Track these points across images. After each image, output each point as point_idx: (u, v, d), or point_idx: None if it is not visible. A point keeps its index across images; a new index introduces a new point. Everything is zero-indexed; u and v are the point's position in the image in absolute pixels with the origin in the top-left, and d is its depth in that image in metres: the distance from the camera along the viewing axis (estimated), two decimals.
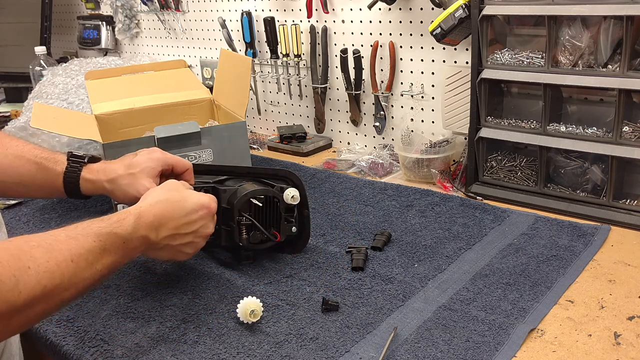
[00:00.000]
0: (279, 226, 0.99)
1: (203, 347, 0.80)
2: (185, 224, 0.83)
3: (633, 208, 1.11)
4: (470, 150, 1.29)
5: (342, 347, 0.79)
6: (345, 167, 1.54)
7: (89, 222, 0.72)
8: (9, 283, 0.54)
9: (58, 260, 0.61)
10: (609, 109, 1.13)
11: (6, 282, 0.54)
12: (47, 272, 0.59)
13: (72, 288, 0.63)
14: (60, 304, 0.64)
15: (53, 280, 0.59)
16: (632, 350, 0.75)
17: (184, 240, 0.84)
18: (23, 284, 0.55)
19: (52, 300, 0.61)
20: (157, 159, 0.94)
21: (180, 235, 0.83)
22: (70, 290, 0.63)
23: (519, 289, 0.90)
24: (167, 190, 0.86)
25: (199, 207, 0.85)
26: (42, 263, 0.59)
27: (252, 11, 1.81)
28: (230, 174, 1.03)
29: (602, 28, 1.07)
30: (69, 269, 0.62)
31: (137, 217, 0.78)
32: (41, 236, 0.63)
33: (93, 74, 1.55)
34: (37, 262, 0.59)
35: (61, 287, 0.61)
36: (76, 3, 2.66)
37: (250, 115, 1.95)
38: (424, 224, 1.15)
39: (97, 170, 0.94)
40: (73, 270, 0.63)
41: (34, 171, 0.91)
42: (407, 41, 1.49)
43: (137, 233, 0.77)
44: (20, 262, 0.57)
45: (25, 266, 0.57)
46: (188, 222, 0.84)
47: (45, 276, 0.58)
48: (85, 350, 0.81)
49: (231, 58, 1.48)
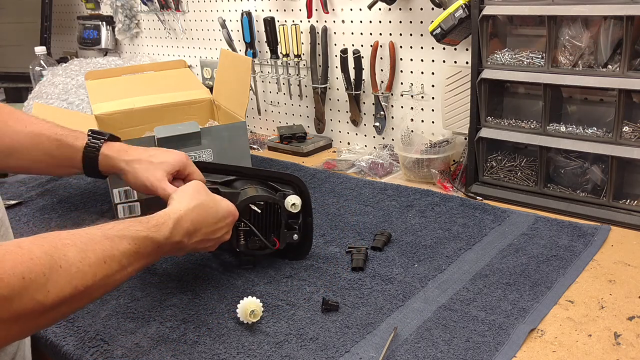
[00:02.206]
0: (279, 233, 0.98)
1: (203, 347, 0.80)
2: (214, 231, 0.84)
3: (633, 208, 1.11)
4: (470, 150, 1.29)
5: (342, 347, 0.79)
6: (345, 167, 1.54)
7: (127, 223, 0.71)
8: (38, 281, 0.53)
9: (91, 262, 0.61)
10: (609, 109, 1.13)
11: (36, 280, 0.53)
12: (79, 272, 0.58)
13: (102, 289, 0.63)
14: (88, 302, 0.64)
15: (84, 282, 0.58)
16: (632, 350, 0.75)
17: (207, 244, 0.85)
18: (53, 283, 0.55)
19: (81, 300, 0.60)
20: (179, 160, 0.94)
21: (207, 240, 0.84)
22: (99, 291, 0.63)
23: (519, 289, 0.90)
24: (197, 192, 0.85)
25: (227, 214, 0.87)
26: (74, 263, 0.58)
27: (252, 11, 1.81)
28: (237, 174, 1.01)
29: (602, 28, 1.07)
30: (101, 271, 0.62)
31: (175, 221, 0.77)
32: (75, 234, 0.63)
33: (93, 74, 1.55)
34: (69, 261, 0.58)
35: (92, 288, 0.60)
36: (76, 3, 2.66)
37: (250, 115, 1.95)
38: (424, 224, 1.15)
39: (117, 149, 0.94)
40: (105, 272, 0.62)
41: (54, 148, 0.92)
42: (407, 41, 1.49)
43: (173, 239, 0.77)
44: (52, 260, 0.56)
45: (57, 265, 0.56)
46: (217, 229, 0.85)
47: (77, 277, 0.58)
48: (85, 351, 0.81)
49: (231, 58, 1.49)
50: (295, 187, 0.99)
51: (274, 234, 0.98)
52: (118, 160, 0.93)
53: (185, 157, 0.96)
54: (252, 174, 1.01)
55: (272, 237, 0.98)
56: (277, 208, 0.97)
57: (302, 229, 1.00)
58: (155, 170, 0.91)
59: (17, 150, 0.90)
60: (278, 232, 0.98)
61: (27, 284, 0.53)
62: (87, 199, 1.38)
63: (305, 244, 1.02)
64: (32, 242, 0.57)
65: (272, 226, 0.98)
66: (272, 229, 0.98)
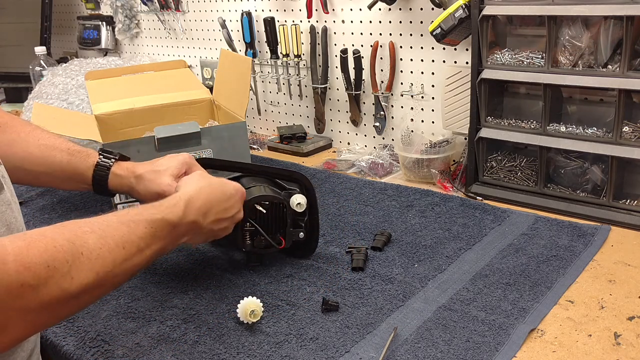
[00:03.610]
0: (284, 232, 0.99)
1: (203, 347, 0.80)
2: (226, 209, 0.86)
3: (633, 208, 1.11)
4: (470, 151, 1.29)
5: (342, 347, 0.79)
6: (345, 167, 1.54)
7: (140, 208, 0.73)
8: (62, 269, 0.54)
9: (110, 247, 0.62)
10: (609, 109, 1.13)
11: (59, 268, 0.54)
12: (99, 259, 0.59)
13: (122, 274, 0.64)
14: (111, 288, 0.64)
15: (105, 267, 0.59)
16: (632, 350, 0.75)
17: (223, 225, 0.86)
18: (76, 270, 0.56)
19: (103, 286, 0.61)
20: (183, 161, 0.95)
21: (222, 220, 0.85)
22: (120, 276, 0.64)
23: (519, 289, 0.90)
24: (202, 177, 0.88)
25: (235, 191, 0.88)
26: (94, 250, 0.59)
27: (252, 11, 1.81)
28: (242, 171, 1.02)
29: (602, 28, 1.07)
30: (120, 256, 0.63)
31: (187, 202, 0.79)
32: (93, 221, 0.64)
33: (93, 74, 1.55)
34: (89, 248, 0.59)
35: (112, 273, 0.61)
36: (76, 3, 2.66)
37: (250, 115, 1.95)
38: (424, 224, 1.15)
39: (125, 167, 0.95)
40: (124, 256, 0.63)
41: (65, 162, 0.93)
42: (407, 41, 1.49)
43: (187, 218, 0.78)
44: (74, 248, 0.57)
45: (79, 252, 0.57)
46: (228, 207, 0.86)
47: (97, 263, 0.59)
48: (85, 351, 0.81)
49: (231, 58, 1.49)
50: (302, 185, 1.00)
51: (280, 233, 0.98)
52: (127, 178, 0.94)
53: (189, 156, 0.97)
54: (258, 170, 1.01)
55: (278, 235, 0.98)
56: (283, 207, 0.97)
57: (309, 226, 1.01)
58: (163, 177, 0.92)
59: (27, 161, 0.91)
60: (284, 230, 0.98)
61: (52, 272, 0.54)
62: (87, 199, 1.38)
63: (312, 241, 1.03)
64: (54, 230, 0.58)
65: (278, 225, 0.98)
66: (277, 227, 0.98)
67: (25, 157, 0.91)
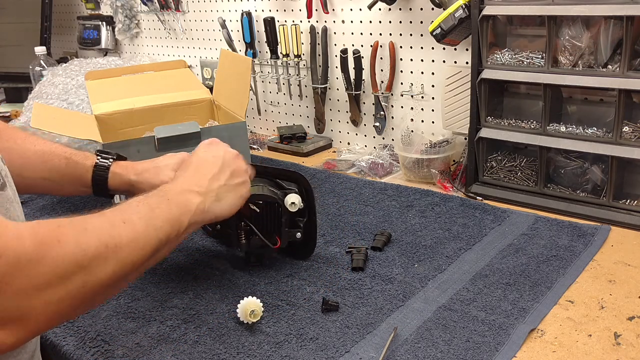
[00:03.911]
0: (280, 232, 0.98)
1: (203, 347, 0.80)
2: (223, 166, 0.84)
3: (633, 208, 1.11)
4: (470, 151, 1.29)
5: (342, 347, 0.79)
6: (345, 167, 1.54)
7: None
8: (71, 242, 0.54)
9: (111, 222, 0.62)
10: (609, 109, 1.13)
11: (70, 242, 0.54)
12: (102, 230, 0.59)
13: (133, 245, 0.63)
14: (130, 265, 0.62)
15: (112, 239, 0.59)
16: (632, 351, 0.75)
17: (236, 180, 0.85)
18: (85, 242, 0.56)
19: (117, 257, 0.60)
20: (181, 157, 0.96)
21: (228, 175, 0.84)
22: (131, 247, 0.62)
23: (519, 289, 0.90)
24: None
25: (227, 149, 0.88)
26: (96, 224, 0.60)
27: (252, 11, 1.81)
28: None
29: (602, 28, 1.07)
30: (125, 229, 0.63)
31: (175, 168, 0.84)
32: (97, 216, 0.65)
33: (93, 74, 1.55)
34: (92, 224, 0.59)
35: (121, 244, 0.60)
36: (76, 3, 2.66)
37: (250, 115, 1.95)
38: (424, 224, 1.15)
39: (125, 166, 0.95)
40: (130, 229, 0.63)
41: (63, 166, 0.92)
42: (407, 41, 1.49)
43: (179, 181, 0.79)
44: (78, 226, 0.57)
45: (83, 228, 0.58)
46: (226, 164, 0.85)
47: (104, 234, 0.59)
48: (85, 351, 0.81)
49: (231, 58, 1.49)
50: (300, 186, 1.00)
51: (276, 233, 0.98)
52: (127, 175, 0.94)
53: (188, 155, 0.97)
54: (259, 170, 1.02)
55: (274, 235, 0.98)
56: (278, 207, 0.97)
57: (307, 227, 1.01)
58: (164, 172, 0.92)
59: (25, 168, 0.91)
60: (279, 230, 0.98)
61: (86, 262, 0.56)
62: (87, 199, 1.38)
63: (310, 242, 1.03)
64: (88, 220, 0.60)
65: (274, 225, 0.98)
66: (273, 227, 0.98)
67: (24, 164, 0.90)
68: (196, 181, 0.79)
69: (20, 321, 0.49)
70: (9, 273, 0.48)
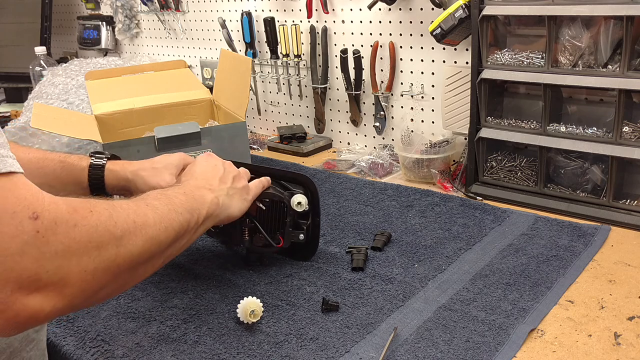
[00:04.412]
0: (284, 232, 0.98)
1: (203, 347, 0.80)
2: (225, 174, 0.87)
3: (633, 208, 1.11)
4: (470, 151, 1.29)
5: (342, 347, 0.79)
6: (345, 167, 1.54)
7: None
8: (104, 213, 0.56)
9: (136, 204, 0.64)
10: (609, 109, 1.13)
11: (102, 213, 0.56)
12: (130, 209, 0.61)
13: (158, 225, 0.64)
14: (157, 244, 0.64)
15: (139, 217, 0.61)
16: (632, 351, 0.75)
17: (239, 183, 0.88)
18: (116, 215, 0.58)
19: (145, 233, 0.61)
20: (179, 157, 0.97)
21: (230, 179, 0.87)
22: (157, 227, 0.64)
23: (519, 289, 0.90)
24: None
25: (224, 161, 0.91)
26: (123, 204, 0.62)
27: (252, 11, 1.81)
28: (252, 172, 1.01)
29: (602, 28, 1.07)
30: (149, 210, 0.65)
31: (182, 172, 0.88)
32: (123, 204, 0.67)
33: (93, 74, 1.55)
34: (122, 205, 0.62)
35: (147, 223, 0.62)
36: (76, 3, 2.66)
37: (250, 115, 1.96)
38: (424, 224, 1.15)
39: (120, 164, 0.96)
40: (154, 211, 0.65)
41: (59, 170, 0.93)
42: (407, 41, 1.49)
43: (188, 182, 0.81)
44: (110, 205, 0.59)
45: (113, 205, 0.59)
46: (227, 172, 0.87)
47: (131, 212, 0.61)
48: (85, 351, 0.81)
49: (231, 58, 1.49)
50: (306, 188, 1.00)
51: (279, 232, 0.98)
52: (124, 172, 0.95)
53: (185, 155, 0.99)
54: (265, 172, 1.01)
55: (277, 235, 0.98)
56: (283, 206, 0.97)
57: (310, 229, 1.01)
58: (162, 175, 0.93)
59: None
60: (283, 230, 0.98)
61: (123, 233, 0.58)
62: None
63: (312, 244, 1.03)
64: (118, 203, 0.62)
65: (278, 224, 0.98)
66: (277, 227, 0.98)
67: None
68: (206, 181, 0.82)
69: (58, 285, 0.50)
70: (48, 233, 0.49)
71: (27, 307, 0.48)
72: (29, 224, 0.48)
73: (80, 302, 0.54)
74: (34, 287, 0.48)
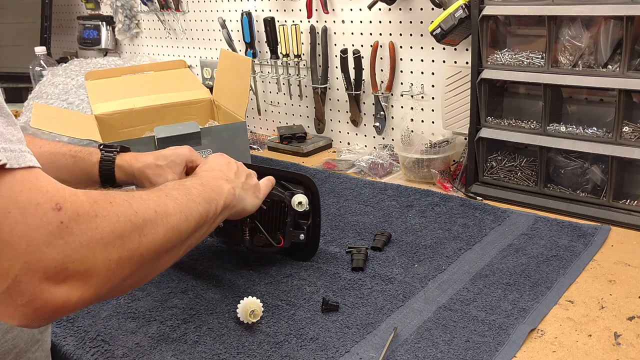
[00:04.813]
0: (284, 231, 0.99)
1: (203, 347, 0.80)
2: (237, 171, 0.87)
3: (633, 208, 1.11)
4: (470, 151, 1.29)
5: (342, 347, 0.79)
6: (345, 167, 1.54)
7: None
8: (124, 204, 0.57)
9: (156, 194, 0.64)
10: (609, 109, 1.13)
11: (122, 204, 0.56)
12: (149, 199, 0.62)
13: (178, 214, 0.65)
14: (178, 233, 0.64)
15: (159, 207, 0.62)
16: (632, 351, 0.75)
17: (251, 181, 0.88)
18: (136, 205, 0.58)
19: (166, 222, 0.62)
20: (183, 154, 0.97)
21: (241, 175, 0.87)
22: (177, 216, 0.64)
23: (519, 289, 0.90)
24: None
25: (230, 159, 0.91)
26: (142, 195, 0.62)
27: (252, 11, 1.81)
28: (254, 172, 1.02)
29: (602, 28, 1.07)
30: (169, 200, 0.65)
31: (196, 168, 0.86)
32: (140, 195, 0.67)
33: (93, 74, 1.55)
34: (141, 196, 0.62)
35: (168, 212, 0.63)
36: (76, 3, 2.66)
37: (250, 116, 1.95)
38: (424, 224, 1.15)
39: (128, 159, 0.97)
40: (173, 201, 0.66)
41: (71, 164, 0.94)
42: (407, 41, 1.49)
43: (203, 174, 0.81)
44: (129, 195, 0.60)
45: (132, 196, 0.60)
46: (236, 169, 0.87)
47: (151, 202, 0.61)
48: (85, 351, 0.81)
49: (231, 58, 1.49)
50: (307, 188, 1.00)
51: (280, 232, 0.98)
52: (131, 168, 0.95)
53: (189, 149, 0.99)
54: (266, 172, 1.01)
55: (277, 234, 0.98)
56: (284, 206, 0.97)
57: (311, 229, 1.01)
58: (165, 174, 0.94)
59: None
60: (284, 230, 0.98)
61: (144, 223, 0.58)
62: None
63: (312, 245, 1.03)
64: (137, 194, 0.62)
65: (278, 224, 0.98)
66: (278, 227, 0.98)
67: None
68: (223, 173, 0.82)
69: (84, 275, 0.50)
70: (72, 223, 0.49)
71: (55, 297, 0.48)
72: (53, 215, 0.48)
73: (106, 292, 0.54)
74: (61, 277, 0.48)
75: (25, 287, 0.46)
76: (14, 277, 0.46)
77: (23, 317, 0.48)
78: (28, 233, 0.46)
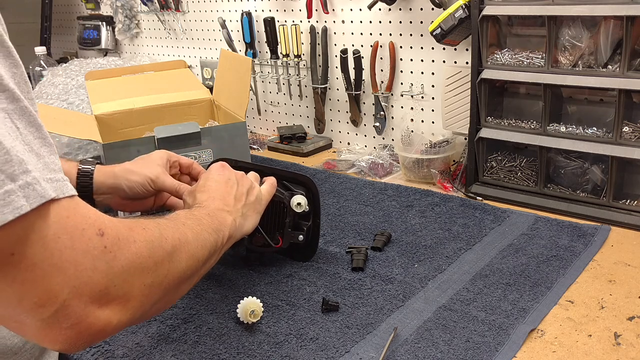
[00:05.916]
0: (283, 232, 0.98)
1: (203, 347, 0.80)
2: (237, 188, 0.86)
3: (633, 208, 1.11)
4: (470, 151, 1.29)
5: (342, 347, 0.79)
6: (345, 167, 1.54)
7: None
8: (155, 231, 0.58)
9: (174, 223, 0.66)
10: (609, 109, 1.13)
11: (154, 230, 0.58)
12: (171, 227, 0.63)
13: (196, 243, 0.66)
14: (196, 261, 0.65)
15: (181, 235, 0.63)
16: (632, 351, 0.75)
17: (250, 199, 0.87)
18: (165, 233, 0.60)
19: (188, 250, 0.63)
20: (162, 152, 0.98)
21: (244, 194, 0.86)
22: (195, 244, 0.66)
23: (519, 289, 0.90)
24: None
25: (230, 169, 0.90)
26: (164, 222, 0.64)
27: (252, 11, 1.81)
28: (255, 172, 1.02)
29: (602, 28, 1.07)
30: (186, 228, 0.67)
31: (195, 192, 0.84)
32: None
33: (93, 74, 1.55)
34: (165, 223, 0.63)
35: (188, 240, 0.64)
36: (76, 3, 2.66)
37: (250, 116, 1.96)
38: (424, 224, 1.15)
39: (104, 168, 0.97)
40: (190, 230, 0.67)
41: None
42: (407, 41, 1.49)
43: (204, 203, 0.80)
44: (156, 222, 0.61)
45: (159, 223, 0.61)
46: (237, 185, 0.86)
47: (174, 230, 0.63)
48: (85, 350, 0.81)
49: (231, 58, 1.49)
50: (308, 189, 1.00)
51: (279, 232, 0.98)
52: (111, 169, 0.96)
53: (164, 151, 1.00)
54: (267, 172, 1.01)
55: (276, 235, 0.98)
56: (283, 207, 0.97)
57: (310, 230, 1.01)
58: (154, 165, 0.95)
59: None
60: (282, 230, 0.98)
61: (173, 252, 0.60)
62: None
63: (312, 245, 1.02)
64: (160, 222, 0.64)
65: (277, 224, 0.98)
66: (277, 227, 0.98)
67: None
68: (223, 202, 0.82)
69: (123, 299, 0.51)
70: (114, 248, 0.51)
71: (98, 320, 0.49)
72: (98, 240, 0.49)
73: (138, 317, 0.55)
74: (104, 301, 0.50)
75: (72, 311, 0.47)
76: (62, 302, 0.47)
77: (66, 340, 0.48)
78: (76, 258, 0.47)
